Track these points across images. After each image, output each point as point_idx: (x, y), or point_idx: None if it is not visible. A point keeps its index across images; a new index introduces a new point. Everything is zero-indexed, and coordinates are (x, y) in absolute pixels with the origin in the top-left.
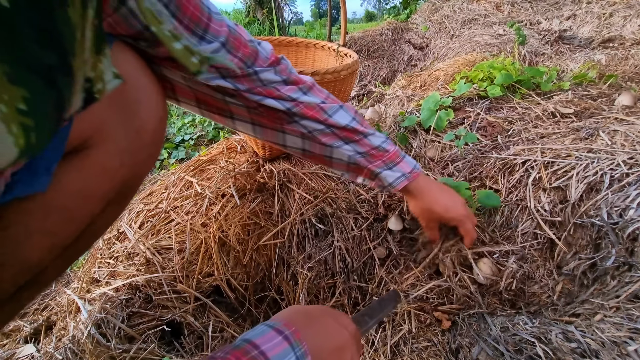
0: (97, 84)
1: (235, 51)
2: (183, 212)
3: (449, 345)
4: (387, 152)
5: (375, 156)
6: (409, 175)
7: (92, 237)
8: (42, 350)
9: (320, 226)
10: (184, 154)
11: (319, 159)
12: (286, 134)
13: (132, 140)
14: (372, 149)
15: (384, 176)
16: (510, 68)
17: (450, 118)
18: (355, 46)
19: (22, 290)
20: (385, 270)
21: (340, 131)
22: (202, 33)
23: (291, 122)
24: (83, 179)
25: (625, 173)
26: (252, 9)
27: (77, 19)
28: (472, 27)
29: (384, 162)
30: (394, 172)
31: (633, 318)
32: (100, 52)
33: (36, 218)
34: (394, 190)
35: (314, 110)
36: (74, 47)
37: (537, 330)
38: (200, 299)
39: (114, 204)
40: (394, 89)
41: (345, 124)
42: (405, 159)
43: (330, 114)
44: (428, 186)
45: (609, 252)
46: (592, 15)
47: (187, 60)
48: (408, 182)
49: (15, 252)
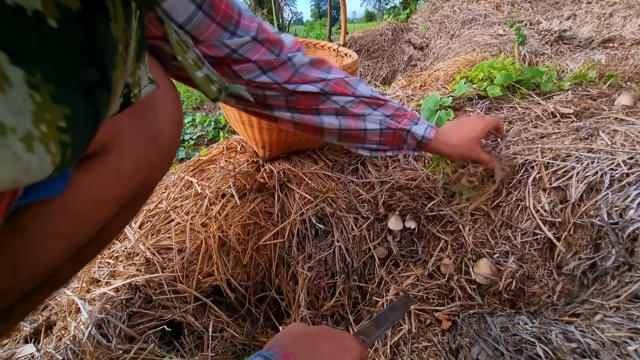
0: (134, 89)
1: (265, 42)
2: (183, 212)
3: (449, 345)
4: (407, 111)
5: (401, 115)
6: (432, 126)
7: (104, 240)
8: (42, 350)
9: (320, 226)
10: (184, 154)
11: (355, 135)
12: (322, 114)
13: (148, 145)
14: (396, 110)
15: (415, 130)
16: (510, 68)
17: (451, 118)
18: (355, 46)
19: (36, 292)
20: (385, 270)
21: (367, 99)
22: (233, 29)
23: (325, 100)
24: (98, 184)
25: (625, 173)
26: (252, 9)
27: (119, 33)
28: (472, 27)
29: (410, 119)
30: (421, 125)
31: (633, 318)
32: (140, 59)
33: (52, 222)
34: (428, 141)
35: (341, 86)
36: (114, 61)
37: (537, 330)
38: (200, 299)
39: (127, 207)
40: (394, 89)
41: (370, 94)
42: (421, 117)
43: (355, 86)
44: (447, 128)
45: (609, 252)
46: (592, 15)
47: (207, 88)
48: (435, 130)
49: (31, 255)
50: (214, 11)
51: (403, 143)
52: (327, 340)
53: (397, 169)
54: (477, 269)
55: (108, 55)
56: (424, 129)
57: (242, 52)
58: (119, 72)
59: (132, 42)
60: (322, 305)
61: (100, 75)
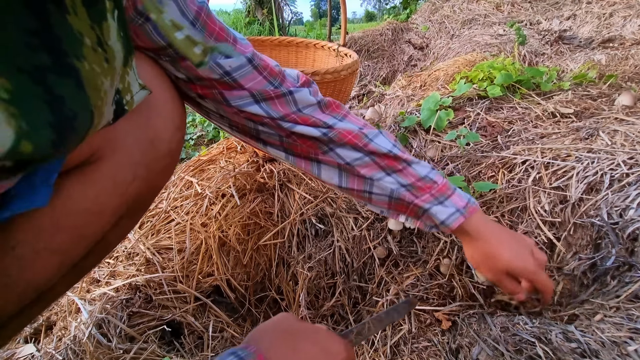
0: (126, 96)
1: (262, 69)
2: (183, 212)
3: (449, 345)
4: (436, 183)
5: (423, 189)
6: (464, 211)
7: (103, 252)
8: (42, 350)
9: (320, 226)
10: (184, 154)
11: (358, 195)
12: (322, 164)
13: (145, 151)
14: (418, 180)
15: (435, 212)
16: (510, 68)
17: (450, 118)
18: (355, 46)
19: (31, 306)
20: (385, 270)
21: (382, 159)
22: (229, 52)
23: (327, 151)
24: (93, 194)
25: (625, 173)
26: (252, 9)
27: (84, 28)
28: (472, 27)
29: (432, 196)
30: (447, 207)
31: (633, 318)
32: (128, 64)
33: (44, 237)
34: (448, 230)
35: (352, 135)
36: (79, 51)
37: (537, 330)
38: (200, 299)
39: (126, 218)
40: (394, 89)
41: (387, 151)
42: (457, 191)
43: (371, 137)
44: (490, 226)
45: (609, 252)
46: (592, 15)
47: (189, 51)
48: (464, 219)
49: (21, 273)
50: (207, 32)
51: (421, 216)
52: (311, 343)
53: None
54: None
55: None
56: (449, 215)
57: (236, 76)
58: (93, 65)
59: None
60: (322, 305)
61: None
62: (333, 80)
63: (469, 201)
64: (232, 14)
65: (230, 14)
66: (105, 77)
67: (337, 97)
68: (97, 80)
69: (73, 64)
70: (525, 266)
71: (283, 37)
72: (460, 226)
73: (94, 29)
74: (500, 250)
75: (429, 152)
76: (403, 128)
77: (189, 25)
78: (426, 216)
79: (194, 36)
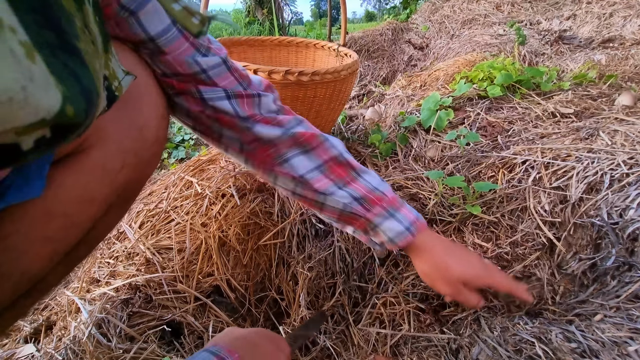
0: (114, 82)
1: (234, 70)
2: (183, 212)
3: (449, 346)
4: (386, 195)
5: (374, 201)
6: (413, 227)
7: (94, 241)
8: (42, 350)
9: (321, 226)
10: (184, 153)
11: (310, 204)
12: (278, 177)
13: (134, 139)
14: (370, 192)
15: (385, 229)
16: (510, 68)
17: (450, 118)
18: (355, 46)
19: (24, 298)
20: (385, 270)
21: (333, 167)
22: (205, 52)
23: (282, 162)
24: (83, 182)
25: (625, 173)
26: (252, 9)
27: (71, 8)
28: (472, 27)
29: (384, 208)
30: (398, 220)
31: (633, 318)
32: (108, 50)
33: (36, 225)
34: (396, 247)
35: (308, 134)
36: (75, 30)
37: (537, 330)
38: (200, 299)
39: (116, 207)
40: (394, 89)
41: (338, 153)
42: (405, 205)
43: (325, 138)
44: (439, 239)
45: (609, 252)
46: (592, 15)
47: (187, 22)
48: (413, 237)
49: (15, 262)
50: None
51: (369, 231)
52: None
53: (397, 169)
54: None
55: (66, 24)
56: (398, 233)
57: (211, 74)
58: (87, 47)
59: (91, 27)
60: (322, 305)
61: (58, 38)
62: (333, 80)
63: (418, 217)
64: (232, 14)
65: (230, 14)
66: (96, 59)
67: (337, 97)
68: (94, 61)
69: (74, 43)
70: (477, 272)
71: (283, 37)
72: (410, 243)
73: (80, 11)
74: (451, 260)
75: (429, 152)
76: (403, 128)
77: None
78: (375, 232)
79: (192, 6)
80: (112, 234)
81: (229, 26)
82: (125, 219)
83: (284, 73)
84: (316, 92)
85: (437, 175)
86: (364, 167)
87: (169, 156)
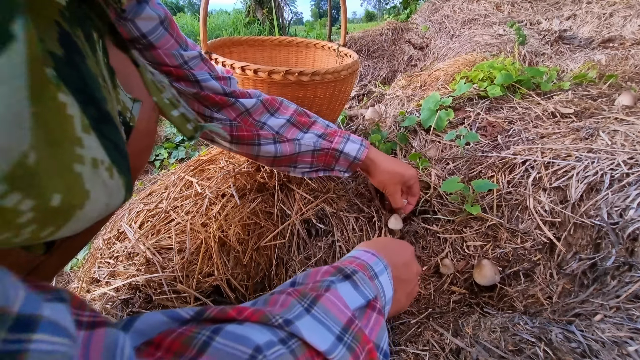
0: (127, 114)
1: (206, 61)
2: (183, 212)
3: (449, 346)
4: (335, 129)
5: (332, 134)
6: (364, 144)
7: (88, 234)
8: None
9: (321, 226)
10: (184, 153)
11: (289, 159)
12: (261, 140)
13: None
14: (325, 129)
15: (348, 151)
16: (510, 68)
17: (451, 118)
18: (355, 46)
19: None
20: None
21: (296, 117)
22: (185, 47)
23: (262, 125)
24: None
25: (625, 173)
26: (252, 9)
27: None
28: (472, 27)
29: (340, 137)
30: (353, 142)
31: (633, 318)
32: (115, 85)
33: None
34: (360, 163)
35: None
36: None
37: (537, 330)
38: (200, 299)
39: None
40: (394, 89)
41: (296, 107)
42: (347, 131)
43: (282, 100)
44: (383, 154)
45: (609, 252)
46: (592, 15)
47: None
48: (368, 150)
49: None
50: (171, 29)
51: (335, 163)
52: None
53: None
54: (477, 269)
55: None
56: (357, 150)
57: (191, 64)
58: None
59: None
60: None
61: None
62: (333, 80)
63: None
64: (232, 14)
65: (230, 14)
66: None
67: (337, 97)
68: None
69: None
70: (412, 173)
71: (283, 37)
72: (367, 157)
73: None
74: (397, 166)
75: (429, 152)
76: (403, 128)
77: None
78: (342, 158)
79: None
80: (112, 234)
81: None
82: (125, 219)
83: (284, 73)
84: (316, 92)
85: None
86: (313, 114)
87: (169, 156)
